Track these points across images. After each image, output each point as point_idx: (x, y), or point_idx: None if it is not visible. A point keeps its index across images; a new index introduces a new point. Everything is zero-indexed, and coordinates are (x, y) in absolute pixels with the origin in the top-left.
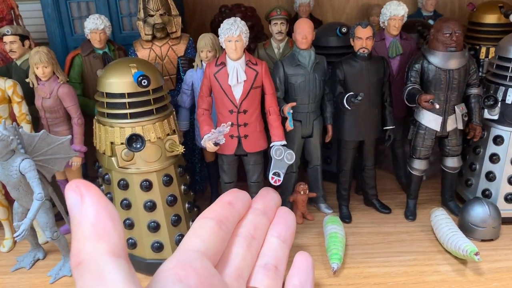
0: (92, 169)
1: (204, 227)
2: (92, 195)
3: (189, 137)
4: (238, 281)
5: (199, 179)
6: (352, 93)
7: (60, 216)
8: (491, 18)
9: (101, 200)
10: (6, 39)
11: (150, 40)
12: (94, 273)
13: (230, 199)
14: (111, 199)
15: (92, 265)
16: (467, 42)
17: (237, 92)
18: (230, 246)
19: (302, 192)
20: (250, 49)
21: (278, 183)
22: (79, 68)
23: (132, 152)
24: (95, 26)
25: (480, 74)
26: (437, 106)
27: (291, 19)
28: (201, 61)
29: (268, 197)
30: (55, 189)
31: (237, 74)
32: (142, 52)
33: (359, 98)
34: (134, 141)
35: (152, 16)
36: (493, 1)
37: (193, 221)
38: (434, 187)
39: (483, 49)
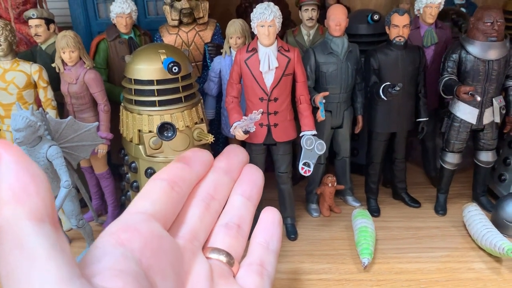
0: (116, 156)
1: (154, 188)
2: (10, 154)
3: (214, 126)
4: (193, 243)
5: None
6: (389, 83)
7: (84, 203)
8: None
9: (21, 159)
10: (32, 22)
11: (177, 25)
12: (13, 240)
13: (187, 159)
14: (138, 188)
15: (11, 231)
16: None
17: (268, 79)
18: (186, 207)
19: (330, 184)
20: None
21: (308, 174)
22: (104, 54)
23: (162, 140)
24: (121, 10)
25: None
26: (478, 99)
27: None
28: (230, 47)
29: (232, 155)
30: (79, 176)
31: (269, 61)
32: (168, 38)
33: (397, 88)
34: (165, 130)
35: (179, 0)
36: None
37: None
38: (464, 181)
39: None
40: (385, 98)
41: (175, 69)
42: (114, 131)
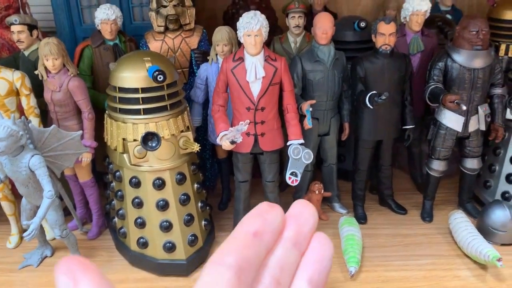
0: (101, 164)
1: (220, 283)
2: (88, 280)
3: (201, 133)
4: None
5: (210, 175)
6: (375, 92)
7: (68, 211)
8: None
9: (100, 285)
10: (14, 28)
11: (163, 31)
12: None
13: (258, 228)
14: (122, 197)
15: None
16: None
17: (255, 88)
18: None
19: (317, 192)
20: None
21: (295, 183)
22: (89, 60)
23: (146, 150)
24: (106, 16)
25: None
26: (464, 108)
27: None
28: (216, 55)
29: (302, 220)
30: (63, 184)
31: (255, 70)
32: (154, 44)
33: (383, 97)
34: (150, 140)
35: (165, 6)
36: None
37: (207, 221)
38: (451, 187)
39: (503, 46)
40: (371, 107)
41: (160, 78)
42: (98, 139)
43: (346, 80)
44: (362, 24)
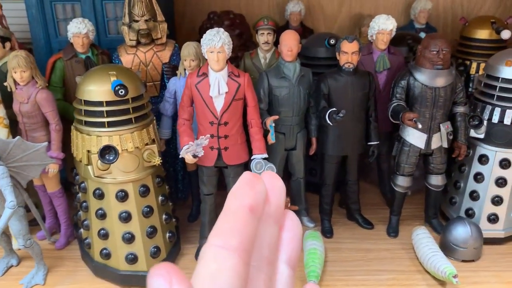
0: (70, 175)
1: (228, 270)
2: (182, 285)
3: (172, 145)
4: None
5: (182, 187)
6: (334, 109)
7: (36, 221)
8: (482, 34)
9: None
10: None
11: (135, 45)
12: None
13: (252, 202)
14: (87, 208)
15: None
16: (459, 57)
17: (218, 103)
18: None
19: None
20: (237, 58)
21: None
22: (60, 72)
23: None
24: (77, 30)
25: (470, 89)
26: (420, 126)
27: (282, 28)
28: (185, 69)
29: (277, 193)
30: (32, 194)
31: (218, 86)
32: (126, 58)
33: (341, 115)
34: (107, 153)
35: (137, 21)
36: (485, 16)
37: (171, 233)
38: (419, 203)
39: (474, 65)
40: (331, 124)
41: (121, 92)
42: (68, 150)
43: (312, 96)
44: (332, 41)
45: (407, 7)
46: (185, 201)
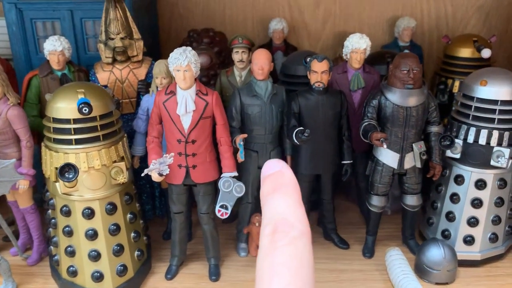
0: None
1: (305, 252)
2: None
3: (146, 161)
4: None
5: (159, 204)
6: (301, 128)
7: (8, 238)
8: (465, 52)
9: None
10: None
11: (111, 62)
12: None
13: (298, 196)
14: (55, 225)
15: None
16: (442, 75)
17: (186, 121)
18: None
19: (257, 224)
20: (216, 75)
21: (225, 216)
22: (36, 89)
23: (76, 179)
24: (53, 47)
25: (454, 108)
26: (385, 146)
27: (265, 45)
28: (157, 87)
29: (280, 179)
30: (7, 211)
31: (186, 104)
32: (102, 75)
33: (306, 134)
34: (66, 171)
35: (112, 39)
36: (468, 34)
37: (140, 252)
38: (398, 223)
39: (457, 83)
40: (298, 143)
41: (85, 110)
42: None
43: (286, 114)
44: (309, 59)
45: (392, 25)
46: (163, 218)
